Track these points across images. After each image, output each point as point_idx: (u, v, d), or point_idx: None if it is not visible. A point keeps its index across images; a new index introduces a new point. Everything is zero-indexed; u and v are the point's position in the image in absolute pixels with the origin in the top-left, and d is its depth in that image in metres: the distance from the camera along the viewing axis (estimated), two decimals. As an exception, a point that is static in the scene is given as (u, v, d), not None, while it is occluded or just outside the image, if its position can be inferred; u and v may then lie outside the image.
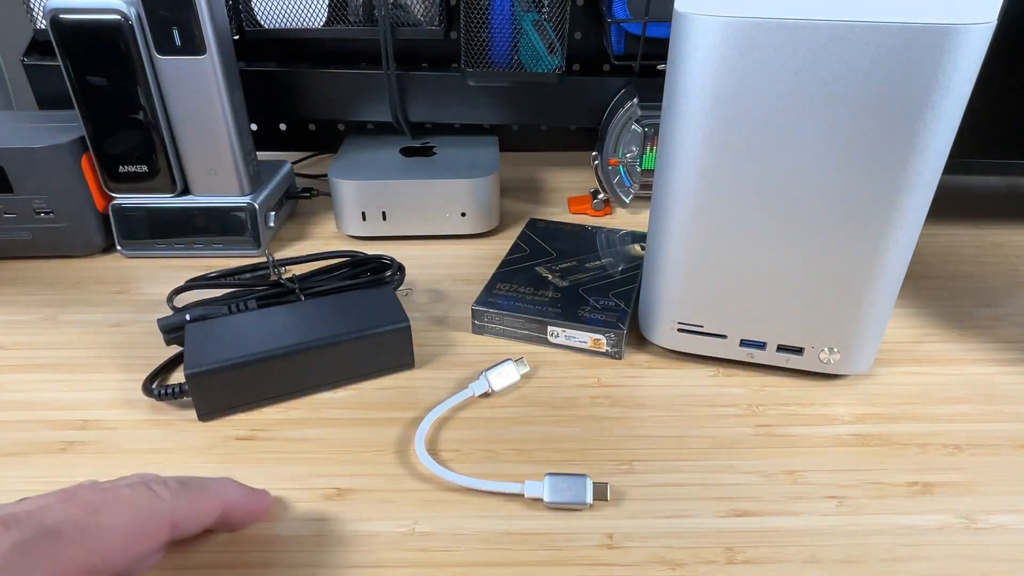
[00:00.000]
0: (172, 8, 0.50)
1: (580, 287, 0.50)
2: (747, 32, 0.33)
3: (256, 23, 0.65)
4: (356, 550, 0.33)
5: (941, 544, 0.33)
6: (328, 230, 0.65)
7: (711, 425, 0.40)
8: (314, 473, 0.37)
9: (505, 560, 0.32)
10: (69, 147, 0.55)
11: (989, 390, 0.43)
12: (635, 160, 0.65)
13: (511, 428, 0.40)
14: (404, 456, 0.38)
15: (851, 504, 0.35)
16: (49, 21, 0.50)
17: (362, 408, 0.42)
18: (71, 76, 0.52)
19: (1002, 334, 0.49)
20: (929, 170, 0.35)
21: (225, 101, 0.54)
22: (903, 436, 0.40)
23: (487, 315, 0.48)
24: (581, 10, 0.70)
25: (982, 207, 0.66)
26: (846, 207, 0.37)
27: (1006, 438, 0.40)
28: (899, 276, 0.39)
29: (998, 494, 0.36)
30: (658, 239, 0.42)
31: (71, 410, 0.42)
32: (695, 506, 0.35)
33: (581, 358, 0.46)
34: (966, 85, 0.33)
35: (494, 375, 0.43)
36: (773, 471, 0.37)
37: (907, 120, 0.34)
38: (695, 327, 0.43)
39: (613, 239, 0.58)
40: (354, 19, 0.65)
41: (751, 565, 0.32)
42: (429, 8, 0.65)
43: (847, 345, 0.41)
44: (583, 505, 0.35)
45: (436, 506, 0.35)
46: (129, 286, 0.55)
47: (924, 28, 0.31)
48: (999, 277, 0.55)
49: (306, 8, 0.64)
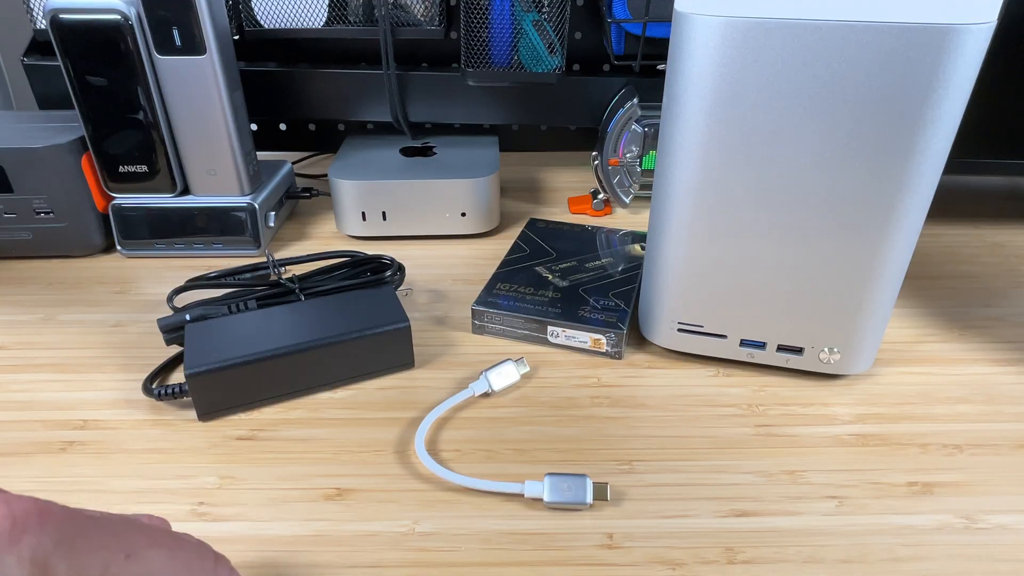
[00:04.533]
0: (172, 8, 0.50)
1: (580, 287, 0.50)
2: (747, 32, 0.33)
3: (256, 23, 0.65)
4: (356, 550, 0.33)
5: (941, 544, 0.33)
6: (328, 230, 0.65)
7: (711, 425, 0.40)
8: (314, 473, 0.37)
9: (505, 560, 0.32)
10: (69, 147, 0.55)
11: (989, 390, 0.43)
12: (635, 160, 0.65)
13: (511, 428, 0.40)
14: (404, 456, 0.38)
15: (851, 504, 0.35)
16: (49, 21, 0.50)
17: (362, 408, 0.42)
18: (71, 76, 0.52)
19: (1002, 334, 0.49)
20: (929, 170, 0.35)
21: (225, 101, 0.54)
22: (903, 436, 0.40)
23: (487, 315, 0.48)
24: (581, 10, 0.70)
25: (982, 207, 0.66)
26: (846, 207, 0.37)
27: (1006, 438, 0.40)
28: (899, 276, 0.39)
29: (998, 494, 0.36)
30: (658, 239, 0.42)
31: (71, 410, 0.42)
32: (695, 506, 0.35)
33: (581, 358, 0.46)
34: (966, 85, 0.33)
35: (494, 375, 0.43)
36: (773, 471, 0.37)
37: (907, 120, 0.34)
38: (695, 327, 0.43)
39: (613, 239, 0.58)
40: (354, 19, 0.65)
41: (751, 565, 0.32)
42: (429, 8, 0.65)
43: (847, 345, 0.41)
44: (583, 505, 0.35)
45: (436, 506, 0.35)
46: (129, 286, 0.55)
47: (924, 28, 0.31)
48: (999, 277, 0.55)
49: (306, 8, 0.64)
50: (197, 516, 0.35)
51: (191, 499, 0.35)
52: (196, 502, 0.35)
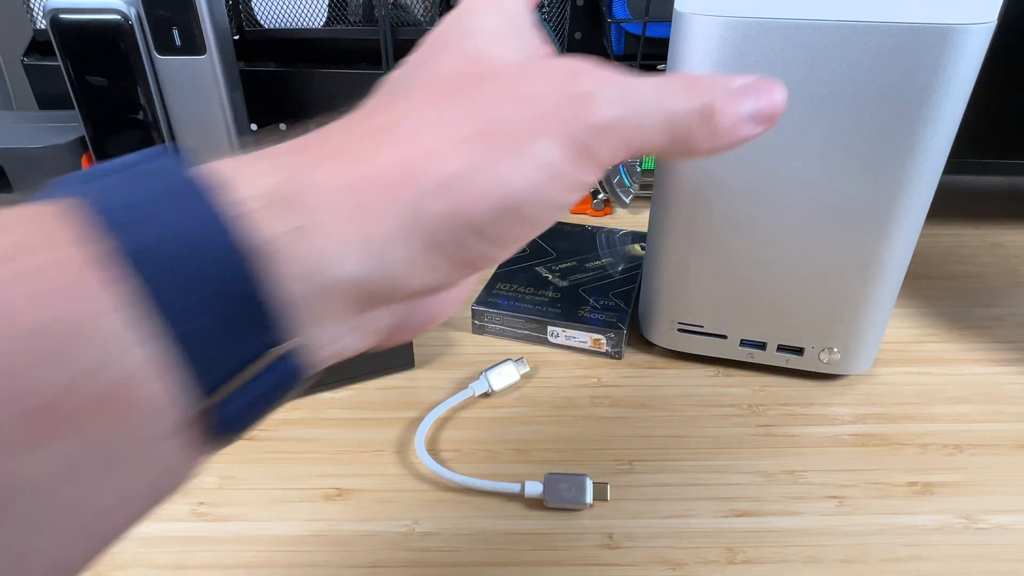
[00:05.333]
0: (172, 8, 0.50)
1: (580, 287, 0.50)
2: (747, 32, 0.33)
3: (256, 23, 0.65)
4: (356, 550, 0.33)
5: (941, 544, 0.33)
6: (328, 230, 0.65)
7: (711, 425, 0.40)
8: (314, 473, 0.37)
9: (505, 560, 0.32)
10: (69, 147, 0.55)
11: (989, 390, 0.43)
12: (635, 160, 0.65)
13: (511, 428, 0.40)
14: (404, 456, 0.38)
15: (851, 504, 0.35)
16: (49, 21, 0.50)
17: (362, 408, 0.42)
18: (71, 76, 0.52)
19: (1002, 334, 0.49)
20: (929, 170, 0.35)
21: (225, 101, 0.54)
22: (903, 436, 0.40)
23: (487, 315, 0.48)
24: (581, 10, 0.70)
25: (982, 207, 0.66)
26: (846, 207, 0.37)
27: (1006, 438, 0.40)
28: (899, 276, 0.39)
29: (998, 494, 0.36)
30: (658, 239, 0.42)
31: (71, 410, 0.42)
32: (695, 506, 0.35)
33: (581, 358, 0.46)
34: (966, 85, 0.33)
35: (494, 375, 0.43)
36: (773, 471, 0.37)
37: (907, 120, 0.33)
38: (695, 327, 0.43)
39: (613, 239, 0.58)
40: (354, 19, 0.65)
41: (751, 565, 0.32)
42: (429, 8, 0.65)
43: (847, 345, 0.41)
44: (583, 505, 0.35)
45: (436, 506, 0.35)
46: (129, 286, 0.55)
47: (924, 28, 0.31)
48: (999, 277, 0.55)
49: (306, 8, 0.64)
50: (197, 516, 0.35)
51: (191, 499, 0.35)
52: (196, 502, 0.35)
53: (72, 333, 0.12)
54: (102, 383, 0.12)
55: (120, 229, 0.13)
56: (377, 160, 0.16)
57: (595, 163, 0.17)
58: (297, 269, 0.14)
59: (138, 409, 0.13)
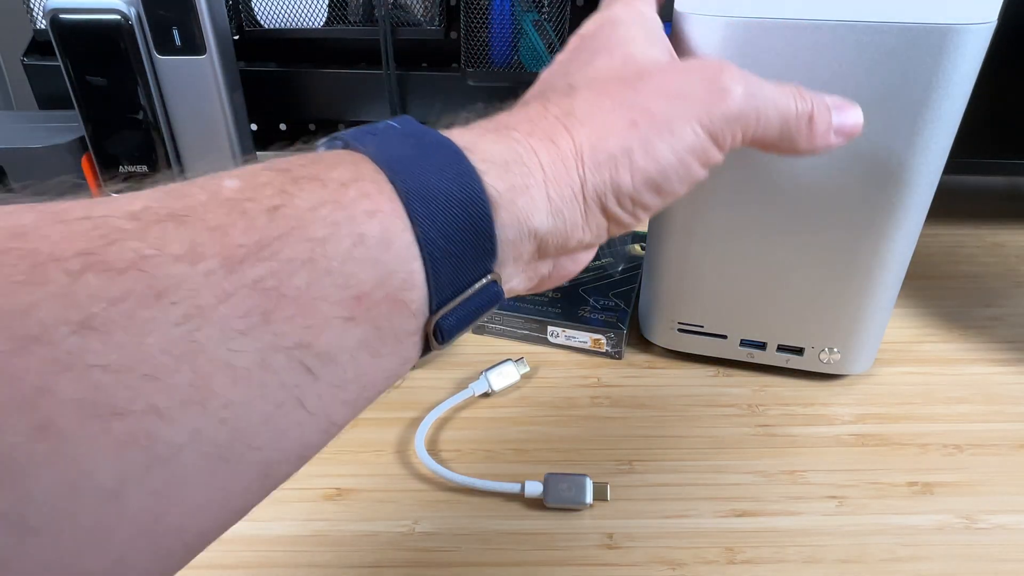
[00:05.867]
0: (172, 8, 0.50)
1: (580, 287, 0.50)
2: (747, 32, 0.33)
3: (256, 23, 0.65)
4: (356, 550, 0.33)
5: (941, 544, 0.33)
6: (328, 230, 0.65)
7: (711, 425, 0.40)
8: (314, 473, 0.37)
9: (505, 560, 0.32)
10: (69, 147, 0.55)
11: (989, 390, 0.43)
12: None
13: (511, 428, 0.40)
14: (404, 456, 0.38)
15: (851, 504, 0.35)
16: (49, 21, 0.50)
17: (362, 408, 0.42)
18: (71, 76, 0.52)
19: (1002, 334, 0.49)
20: (929, 170, 0.35)
21: (225, 101, 0.54)
22: (903, 436, 0.40)
23: (487, 315, 0.48)
24: (581, 10, 0.70)
25: (982, 207, 0.66)
26: (846, 207, 0.37)
27: (1006, 438, 0.40)
28: (899, 276, 0.39)
29: (998, 494, 0.36)
30: (658, 239, 0.42)
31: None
32: (695, 506, 0.35)
33: (581, 358, 0.46)
34: (966, 85, 0.33)
35: (494, 375, 0.43)
36: (773, 471, 0.37)
37: (907, 120, 0.33)
38: (695, 327, 0.43)
39: (613, 239, 0.58)
40: (354, 19, 0.65)
41: (751, 565, 0.32)
42: (429, 8, 0.65)
43: (847, 345, 0.41)
44: (583, 505, 0.35)
45: (436, 506, 0.35)
46: (129, 286, 0.55)
47: (924, 28, 0.31)
48: (999, 277, 0.55)
49: (306, 8, 0.64)
50: (197, 516, 0.34)
51: (191, 499, 0.35)
52: (196, 502, 0.35)
53: (384, 244, 0.17)
54: (394, 284, 0.17)
55: (399, 175, 0.18)
56: (561, 142, 0.21)
57: (724, 145, 0.22)
58: (510, 218, 0.19)
59: (406, 308, 0.18)
